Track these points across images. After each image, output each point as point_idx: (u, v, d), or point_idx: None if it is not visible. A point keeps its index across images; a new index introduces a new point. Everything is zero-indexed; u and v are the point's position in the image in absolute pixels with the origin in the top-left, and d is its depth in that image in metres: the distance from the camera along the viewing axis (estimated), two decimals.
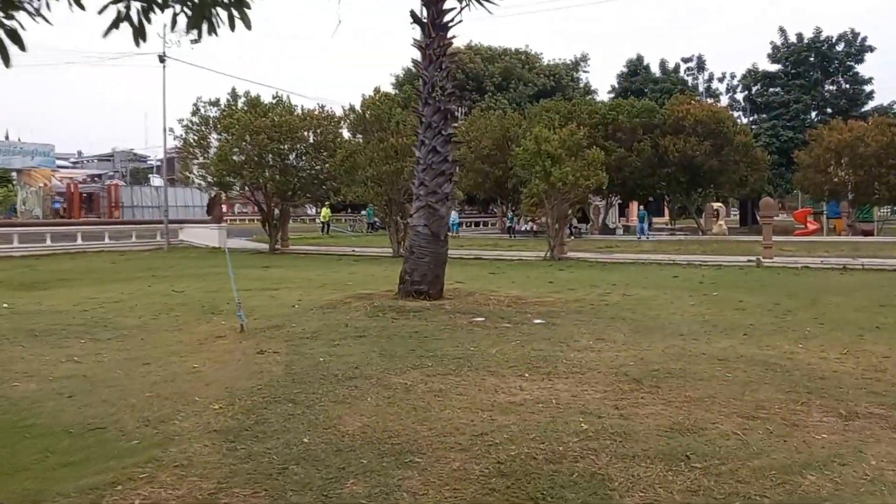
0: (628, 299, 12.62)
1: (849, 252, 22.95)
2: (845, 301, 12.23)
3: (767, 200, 20.43)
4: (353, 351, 7.85)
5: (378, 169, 22.13)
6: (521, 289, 14.32)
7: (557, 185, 20.11)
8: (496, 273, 18.01)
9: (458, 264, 20.85)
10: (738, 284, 15.00)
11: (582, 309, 11.33)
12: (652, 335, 8.98)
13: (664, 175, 36.72)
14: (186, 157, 27.55)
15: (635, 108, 37.16)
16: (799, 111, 49.24)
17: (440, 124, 11.66)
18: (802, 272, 17.46)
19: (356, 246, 28.65)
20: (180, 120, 26.18)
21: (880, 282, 15.33)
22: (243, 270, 18.93)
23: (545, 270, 18.66)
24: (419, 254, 11.65)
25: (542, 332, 9.22)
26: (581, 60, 60.03)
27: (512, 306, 11.43)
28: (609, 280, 16.04)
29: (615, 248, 26.27)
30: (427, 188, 11.62)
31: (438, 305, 11.05)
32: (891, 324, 9.87)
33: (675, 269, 18.57)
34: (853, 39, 49.36)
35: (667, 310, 11.33)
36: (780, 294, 13.26)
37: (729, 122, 37.30)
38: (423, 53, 11.78)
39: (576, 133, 21.06)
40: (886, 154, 34.28)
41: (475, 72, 53.75)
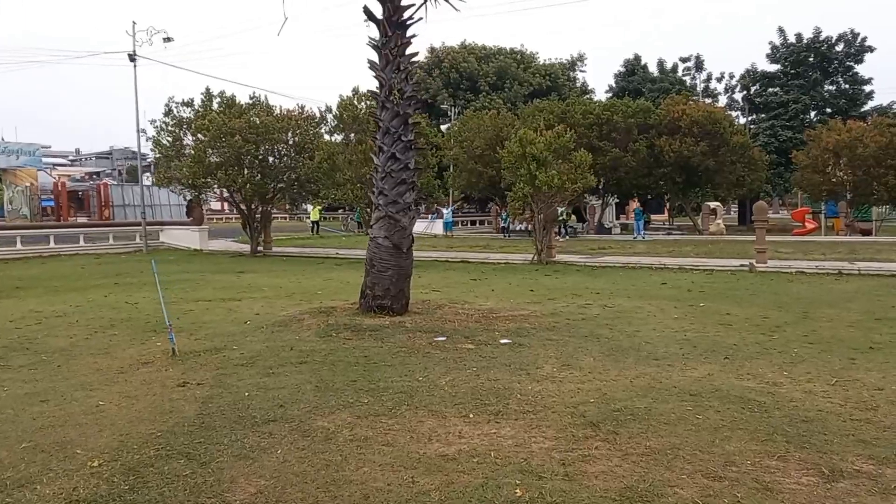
0: (608, 312, 11.85)
1: (846, 254, 22.20)
2: (839, 314, 11.44)
3: (761, 204, 19.62)
4: (286, 382, 7.06)
5: (357, 171, 21.35)
6: (499, 299, 13.56)
7: (543, 189, 19.30)
8: (478, 280, 17.22)
9: (442, 268, 20.16)
10: (728, 293, 14.22)
11: (556, 325, 10.54)
12: (624, 359, 8.20)
13: (660, 175, 35.98)
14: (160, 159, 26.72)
15: (630, 109, 36.38)
16: (798, 111, 48.56)
17: (399, 130, 10.85)
18: (796, 278, 16.67)
19: (342, 248, 27.89)
20: (152, 121, 25.42)
21: (876, 289, 14.53)
22: (216, 276, 18.21)
23: (529, 276, 17.88)
24: (381, 267, 10.85)
25: (504, 355, 8.43)
26: (578, 60, 59.21)
27: (481, 322, 10.65)
28: (593, 287, 15.28)
29: (607, 250, 25.48)
30: (387, 197, 10.83)
31: (399, 323, 10.26)
32: (885, 343, 9.09)
33: (665, 275, 17.80)
34: (853, 40, 48.69)
35: (647, 325, 10.55)
36: (769, 305, 12.49)
37: (725, 123, 36.49)
38: (379, 54, 10.97)
39: (563, 135, 20.23)
40: (885, 154, 33.65)
41: (469, 71, 52.93)
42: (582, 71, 59.83)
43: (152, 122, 25.40)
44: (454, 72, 52.65)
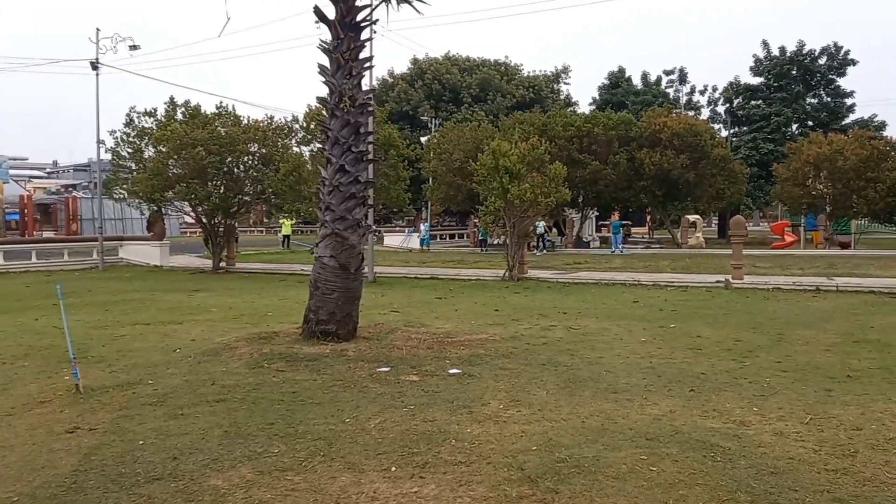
0: (573, 335, 11.11)
1: (824, 269, 21.67)
2: (815, 336, 10.78)
3: (738, 218, 19.01)
4: (192, 426, 6.25)
5: None
6: (460, 320, 12.79)
7: (515, 202, 18.59)
8: (443, 298, 16.45)
9: (409, 286, 19.41)
10: (701, 312, 13.54)
11: (514, 350, 9.78)
12: (581, 392, 7.45)
13: (640, 188, 35.44)
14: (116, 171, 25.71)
15: (611, 121, 35.87)
16: (780, 124, 48.37)
17: (350, 139, 10.07)
18: (772, 295, 16.03)
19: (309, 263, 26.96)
20: (112, 132, 24.44)
21: (855, 307, 13.91)
22: (166, 296, 17.34)
23: (498, 294, 17.14)
24: (325, 289, 10.05)
25: (450, 388, 7.65)
26: (562, 72, 58.73)
27: (433, 348, 9.87)
28: (562, 306, 14.56)
29: (582, 266, 24.79)
30: (334, 213, 10.04)
31: (342, 351, 9.45)
32: (864, 370, 8.40)
33: (638, 292, 17.11)
34: (836, 53, 48.60)
35: (612, 350, 9.82)
36: (743, 326, 11.81)
37: (706, 135, 36.06)
38: (329, 57, 10.19)
39: (537, 147, 19.54)
40: (865, 167, 33.40)
41: (452, 83, 52.32)
42: (566, 83, 59.41)
43: (112, 133, 24.43)
44: (437, 83, 51.99)
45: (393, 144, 21.19)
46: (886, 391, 7.39)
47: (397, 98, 52.31)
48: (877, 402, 6.94)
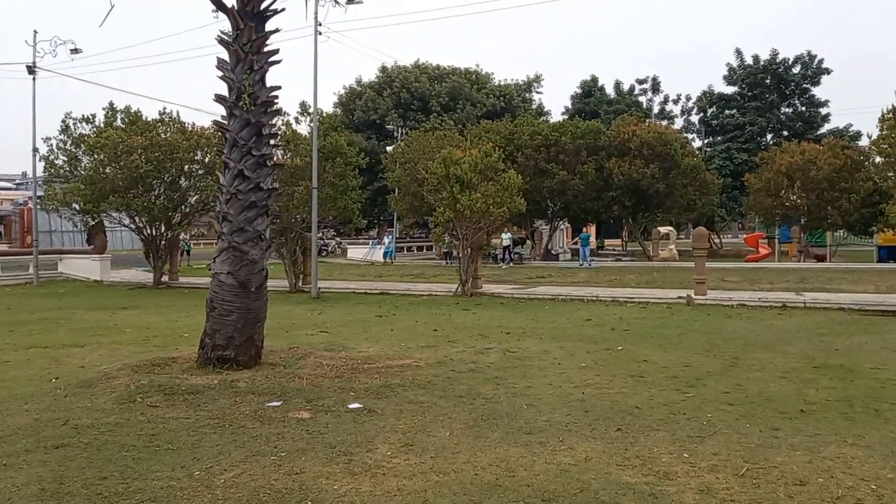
0: (507, 359, 10.07)
1: (795, 283, 20.81)
2: (773, 360, 9.80)
3: (700, 231, 18.08)
4: (8, 483, 5.14)
5: None
6: (391, 342, 11.71)
7: (465, 213, 17.56)
8: (384, 316, 15.36)
9: (354, 302, 18.35)
10: (655, 332, 12.54)
11: (434, 379, 8.71)
12: (490, 433, 6.40)
13: (609, 199, 34.51)
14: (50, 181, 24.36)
15: (579, 130, 35.00)
16: (754, 133, 47.82)
17: (250, 142, 8.98)
18: (735, 313, 15.08)
19: None
20: (46, 139, 23.16)
21: (821, 326, 12.98)
22: (87, 314, 16.23)
23: (444, 311, 16.08)
24: (223, 310, 8.92)
25: (340, 429, 6.58)
26: (534, 81, 57.90)
27: (343, 377, 8.78)
28: (508, 326, 13.53)
29: (545, 280, 23.78)
30: (232, 224, 8.93)
31: (233, 382, 8.32)
32: (821, 402, 7.41)
33: (595, 309, 16.12)
34: (810, 62, 48.16)
35: (544, 378, 8.78)
36: (697, 348, 10.83)
37: (677, 145, 35.21)
38: (228, 50, 9.09)
39: (490, 154, 18.52)
40: (839, 177, 32.62)
41: (420, 91, 51.35)
42: (538, 92, 58.64)
43: (46, 140, 23.14)
44: (405, 92, 51.02)
45: (341, 152, 20.07)
46: (842, 430, 6.40)
47: (364, 107, 51.28)
48: (829, 446, 5.93)
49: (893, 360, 9.59)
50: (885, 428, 6.46)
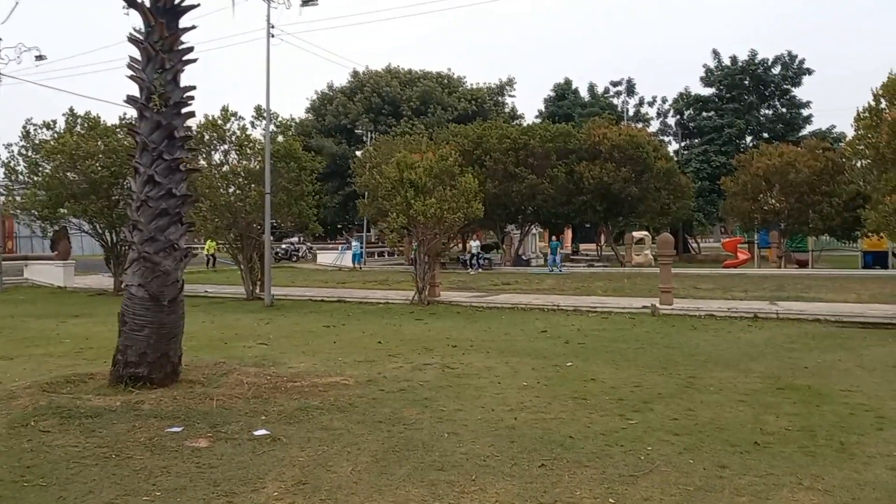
0: (444, 377, 9.29)
1: (771, 291, 20.15)
2: (733, 380, 9.07)
3: (665, 237, 17.39)
4: None
5: (217, 198, 18.54)
6: (328, 356, 10.94)
7: (419, 219, 16.76)
8: (332, 326, 14.56)
9: (306, 311, 17.58)
10: (611, 346, 11.80)
11: (358, 401, 7.93)
12: (397, 469, 5.64)
13: (580, 203, 33.79)
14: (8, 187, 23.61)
15: (549, 133, 34.29)
16: (732, 136, 47.01)
17: (161, 145, 8.15)
18: (702, 324, 14.38)
19: (224, 284, 24.86)
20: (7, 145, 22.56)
21: (792, 340, 12.28)
22: (35, 323, 15.90)
23: (396, 321, 15.29)
24: (134, 325, 8.09)
25: (234, 461, 5.85)
26: (507, 84, 57.15)
27: (261, 397, 8.00)
28: (457, 338, 12.76)
29: (510, 286, 23.03)
30: (142, 233, 8.10)
31: (138, 403, 7.49)
32: (779, 433, 6.68)
33: (554, 319, 15.38)
34: (790, 62, 47.34)
35: (478, 400, 8.01)
36: (653, 365, 10.08)
37: (649, 147, 34.56)
38: (139, 48, 8.27)
39: (446, 158, 17.74)
40: (819, 180, 31.81)
41: (392, 96, 50.54)
42: (511, 95, 57.88)
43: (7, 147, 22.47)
44: (376, 96, 50.21)
45: (294, 156, 19.25)
46: (799, 468, 5.65)
47: (335, 111, 50.45)
48: (781, 489, 5.19)
49: (868, 382, 8.87)
50: (848, 466, 5.72)
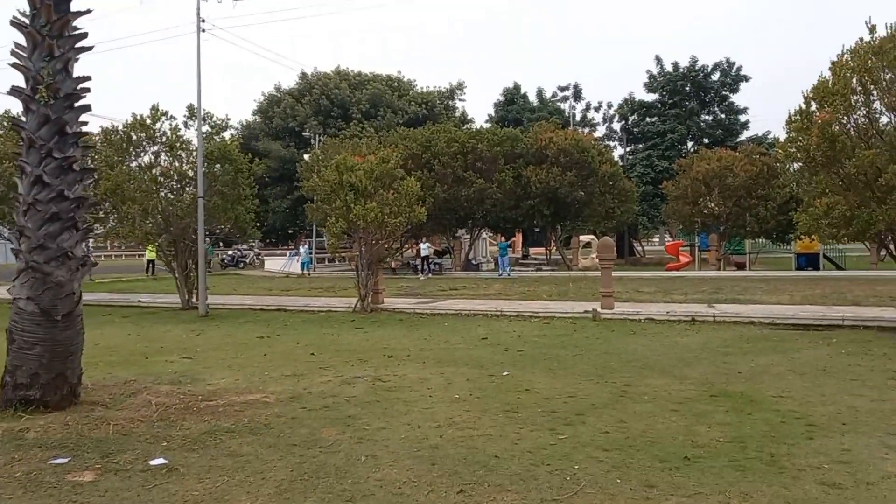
0: (374, 391, 8.86)
1: (710, 293, 20.22)
2: (668, 387, 8.85)
3: (605, 240, 17.24)
4: None
5: (146, 201, 17.78)
6: (255, 370, 10.41)
7: (359, 224, 16.29)
8: (266, 337, 14.01)
9: (243, 321, 16.98)
10: (551, 353, 11.52)
11: (275, 420, 7.47)
12: (299, 501, 5.21)
13: (528, 207, 33.67)
14: None
15: (497, 137, 34.14)
16: (675, 141, 47.76)
17: (50, 142, 7.53)
18: (642, 328, 14.21)
19: (159, 293, 24.00)
20: None
21: (727, 344, 12.17)
22: None
23: (335, 330, 14.79)
24: (23, 342, 7.47)
25: (119, 497, 5.34)
26: (457, 88, 57.05)
27: (168, 419, 7.47)
28: (395, 347, 12.34)
29: (457, 292, 22.70)
30: (30, 241, 7.47)
31: (22, 431, 6.90)
32: (710, 445, 6.42)
33: (496, 325, 15.07)
34: (728, 69, 48.40)
35: (406, 416, 7.61)
36: (590, 372, 9.83)
37: (594, 152, 34.65)
38: (23, 33, 7.64)
39: (387, 160, 17.31)
40: (756, 184, 32.57)
41: (341, 98, 49.92)
42: (461, 99, 57.81)
43: None
44: (325, 98, 49.51)
45: (230, 158, 18.57)
46: (728, 485, 5.38)
47: (283, 114, 49.62)
48: None
49: (799, 387, 8.73)
50: (777, 482, 5.47)
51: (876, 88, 13.00)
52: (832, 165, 12.97)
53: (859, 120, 13.40)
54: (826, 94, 13.06)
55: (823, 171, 13.18)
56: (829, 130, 12.73)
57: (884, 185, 12.03)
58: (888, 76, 12.82)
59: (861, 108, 13.31)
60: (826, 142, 12.73)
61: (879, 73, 12.77)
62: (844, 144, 12.71)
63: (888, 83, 12.81)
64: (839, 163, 12.78)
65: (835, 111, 12.90)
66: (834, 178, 13.07)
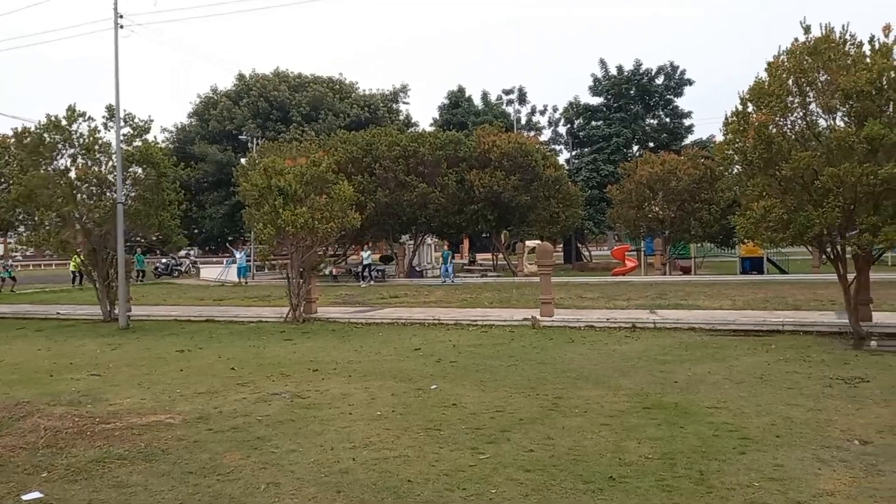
0: (292, 409, 8.29)
1: (653, 299, 20.02)
2: (601, 399, 8.47)
3: (544, 246, 16.87)
4: None
5: (61, 209, 16.79)
6: (168, 387, 9.75)
7: (288, 230, 15.61)
8: (186, 351, 13.25)
9: (166, 332, 16.19)
10: (485, 363, 11.07)
11: (175, 445, 6.86)
12: None
13: (472, 212, 33.24)
14: None
15: (439, 140, 33.62)
16: (620, 145, 47.77)
17: None
18: (581, 336, 13.85)
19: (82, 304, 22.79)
20: None
21: (666, 351, 11.88)
22: None
23: (261, 343, 14.10)
24: None
25: None
26: (400, 91, 56.42)
27: (55, 445, 6.83)
28: (322, 360, 11.74)
29: (397, 300, 22.11)
30: None
31: None
32: (638, 463, 6.05)
33: (432, 334, 14.57)
34: (672, 73, 48.59)
35: (319, 437, 7.08)
36: (522, 384, 9.40)
37: (538, 155, 34.42)
38: None
39: (319, 163, 16.66)
40: (699, 188, 32.61)
41: (280, 101, 48.84)
42: (405, 102, 57.22)
43: None
44: (263, 101, 48.39)
45: (153, 162, 17.66)
46: None
47: (220, 116, 48.33)
48: None
49: (735, 397, 8.42)
50: (704, 503, 5.09)
51: (812, 90, 12.88)
52: (769, 168, 12.78)
53: (796, 122, 13.27)
54: (762, 95, 12.89)
55: (760, 173, 12.99)
56: (765, 132, 12.54)
57: (820, 187, 11.88)
58: (823, 77, 12.71)
59: (798, 110, 13.18)
60: (762, 144, 12.54)
61: (815, 74, 12.65)
62: (781, 146, 12.53)
63: (824, 85, 12.70)
64: (776, 165, 12.60)
65: (771, 112, 12.74)
66: (771, 180, 12.89)
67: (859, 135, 11.49)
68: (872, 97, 11.88)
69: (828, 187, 11.68)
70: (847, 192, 11.55)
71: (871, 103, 11.88)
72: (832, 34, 12.75)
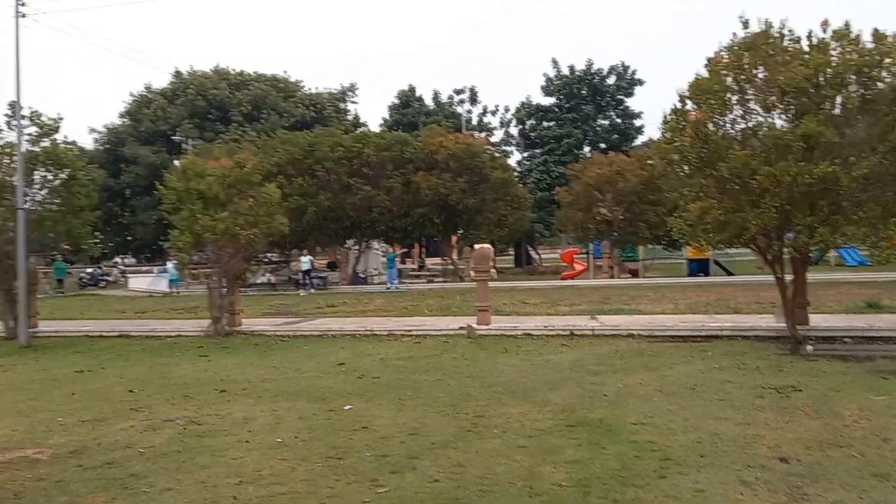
0: (182, 438, 7.49)
1: (597, 303, 19.55)
2: (525, 416, 7.90)
3: (482, 251, 16.17)
4: None
5: None
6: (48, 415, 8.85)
7: (206, 237, 14.68)
8: (87, 371, 12.19)
9: (72, 350, 15.20)
10: (409, 379, 10.36)
11: (34, 484, 6.12)
12: None
13: (418, 215, 32.48)
14: None
15: (384, 141, 32.86)
16: (571, 146, 47.21)
17: None
18: (516, 345, 13.22)
19: None
20: None
21: (600, 361, 11.33)
22: None
23: (174, 360, 13.14)
24: None
25: None
26: (349, 90, 55.21)
27: None
28: (234, 379, 10.90)
29: (334, 308, 21.27)
30: None
31: None
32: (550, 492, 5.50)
33: (361, 347, 13.81)
34: (624, 73, 48.28)
35: (205, 471, 6.35)
36: (443, 402, 8.74)
37: (486, 157, 33.84)
38: None
39: (243, 165, 15.76)
40: (646, 189, 32.25)
41: (220, 99, 47.18)
42: (353, 102, 55.94)
43: None
44: (201, 99, 46.70)
45: (62, 164, 16.47)
46: None
47: (154, 116, 46.38)
48: None
49: (663, 410, 7.87)
50: None
51: (751, 86, 12.48)
52: (706, 167, 12.34)
53: (735, 120, 12.87)
54: (702, 92, 12.45)
55: (698, 173, 12.55)
56: (702, 130, 12.11)
57: (757, 187, 11.46)
58: (762, 74, 12.31)
59: (737, 108, 12.77)
60: (700, 142, 12.11)
61: (753, 70, 12.25)
62: (718, 145, 12.11)
63: (762, 81, 12.30)
64: (713, 165, 12.16)
65: (709, 110, 12.30)
66: (709, 180, 12.45)
67: (796, 133, 11.11)
68: (809, 94, 11.53)
69: (764, 187, 11.26)
70: (783, 192, 11.14)
71: (807, 100, 11.54)
72: (771, 29, 12.38)
